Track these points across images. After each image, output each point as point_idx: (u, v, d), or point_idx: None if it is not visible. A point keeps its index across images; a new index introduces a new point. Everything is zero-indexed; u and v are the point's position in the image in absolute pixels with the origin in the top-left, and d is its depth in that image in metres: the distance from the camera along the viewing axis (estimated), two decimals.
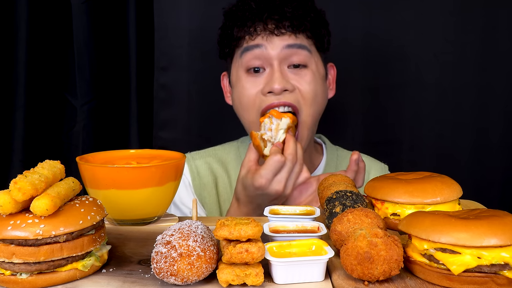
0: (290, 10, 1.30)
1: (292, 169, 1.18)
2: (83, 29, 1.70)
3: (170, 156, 1.06)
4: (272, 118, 1.25)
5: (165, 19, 1.78)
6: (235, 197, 1.26)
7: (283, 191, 1.18)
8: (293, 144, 1.20)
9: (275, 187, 1.16)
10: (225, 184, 1.51)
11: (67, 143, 1.79)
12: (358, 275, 0.72)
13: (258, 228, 0.71)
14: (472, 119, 1.82)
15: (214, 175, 1.51)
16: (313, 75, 1.33)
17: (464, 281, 0.72)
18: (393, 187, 0.93)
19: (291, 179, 1.18)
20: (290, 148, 1.19)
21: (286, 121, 1.24)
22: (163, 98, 1.83)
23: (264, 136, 1.24)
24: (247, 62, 1.33)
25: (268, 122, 1.25)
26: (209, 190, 1.50)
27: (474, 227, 0.72)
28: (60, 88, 1.77)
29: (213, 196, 1.50)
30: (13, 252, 0.73)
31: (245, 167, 1.22)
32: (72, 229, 0.75)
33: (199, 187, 1.50)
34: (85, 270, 0.77)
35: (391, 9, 1.79)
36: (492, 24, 1.77)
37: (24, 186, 0.72)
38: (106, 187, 0.95)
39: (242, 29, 1.32)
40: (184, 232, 0.73)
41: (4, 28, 1.68)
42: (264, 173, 1.16)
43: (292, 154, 1.18)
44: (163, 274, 0.71)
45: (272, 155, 1.16)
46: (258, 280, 0.72)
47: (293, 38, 1.31)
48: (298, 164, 1.19)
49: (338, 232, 0.80)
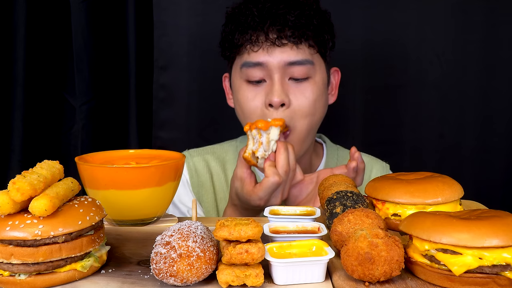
0: (293, 19, 1.28)
1: (287, 180, 1.20)
2: (82, 28, 1.70)
3: (169, 156, 1.06)
4: (260, 131, 1.22)
5: (165, 18, 1.78)
6: (230, 202, 1.27)
7: (280, 202, 1.21)
8: (283, 155, 1.19)
9: (272, 202, 1.20)
10: (222, 183, 1.51)
11: (66, 143, 1.79)
12: (358, 276, 0.72)
13: (258, 229, 0.71)
14: (474, 119, 1.82)
15: (211, 173, 1.51)
16: (314, 87, 1.32)
17: (466, 282, 0.71)
18: (394, 188, 0.93)
19: (286, 189, 1.21)
20: (282, 161, 1.19)
21: (276, 131, 1.21)
22: (163, 98, 1.83)
23: (257, 154, 1.22)
24: (247, 75, 1.32)
25: (256, 134, 1.22)
26: (207, 188, 1.50)
27: (476, 227, 0.72)
28: (59, 87, 1.77)
29: (210, 194, 1.50)
30: (11, 253, 0.72)
31: (238, 179, 1.22)
32: (71, 229, 0.74)
33: (197, 185, 1.50)
34: (84, 271, 0.77)
35: (392, 8, 1.79)
36: (494, 24, 1.77)
37: (22, 186, 0.72)
38: (105, 188, 0.95)
39: (243, 37, 1.31)
40: (184, 232, 0.73)
41: (2, 27, 1.68)
42: (262, 195, 1.17)
43: (284, 167, 1.18)
44: (163, 275, 0.71)
45: (270, 177, 1.16)
46: (258, 281, 0.71)
47: (295, 50, 1.28)
48: (291, 171, 1.21)
49: (338, 233, 0.80)
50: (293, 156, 1.21)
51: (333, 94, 1.46)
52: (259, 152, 1.21)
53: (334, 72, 1.45)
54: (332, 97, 1.46)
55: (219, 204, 1.51)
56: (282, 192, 1.20)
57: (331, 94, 1.45)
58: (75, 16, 1.69)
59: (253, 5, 1.31)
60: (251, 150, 1.22)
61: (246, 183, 1.20)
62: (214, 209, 1.49)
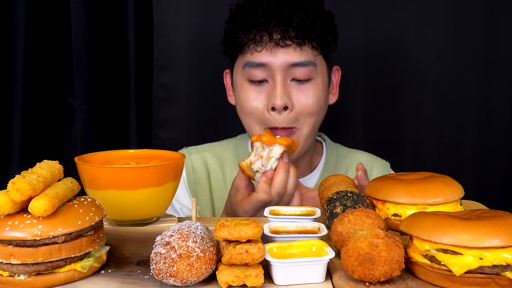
0: (297, 20, 1.27)
1: (279, 202, 1.16)
2: (81, 28, 1.70)
3: (169, 156, 1.06)
4: (264, 145, 1.19)
5: (164, 18, 1.78)
6: (225, 210, 1.26)
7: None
8: (282, 176, 1.15)
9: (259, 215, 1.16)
10: (219, 181, 1.51)
11: (65, 143, 1.79)
12: (359, 276, 0.72)
13: (258, 229, 0.71)
14: (475, 119, 1.83)
15: (208, 170, 1.51)
16: (316, 89, 1.32)
17: (466, 282, 0.72)
18: (394, 188, 0.93)
19: None
20: (278, 181, 1.14)
21: (279, 149, 1.18)
22: (162, 98, 1.83)
23: (253, 166, 1.19)
24: (250, 75, 1.32)
25: (259, 147, 1.20)
26: (203, 186, 1.50)
27: (476, 228, 0.72)
28: (58, 87, 1.77)
29: (206, 191, 1.50)
30: (11, 253, 0.73)
31: (234, 188, 1.20)
32: (70, 230, 0.74)
33: (193, 182, 1.50)
34: (84, 271, 0.77)
35: (392, 8, 1.79)
36: (494, 24, 1.78)
37: (22, 186, 0.72)
38: (105, 188, 0.95)
39: (247, 36, 1.30)
40: (184, 232, 0.73)
41: (2, 27, 1.68)
42: (247, 208, 1.15)
43: (279, 189, 1.14)
44: (163, 275, 0.71)
45: (259, 194, 1.14)
46: (258, 281, 0.71)
47: (298, 52, 1.28)
48: (287, 196, 1.16)
49: (338, 233, 0.80)
50: (294, 180, 1.16)
51: (334, 93, 1.46)
52: (256, 165, 1.18)
53: (335, 71, 1.46)
54: (334, 96, 1.46)
55: (214, 202, 1.50)
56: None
57: (332, 94, 1.45)
58: (75, 16, 1.69)
59: (258, 4, 1.31)
60: (249, 161, 1.19)
61: (240, 193, 1.18)
62: (210, 207, 1.49)
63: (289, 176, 1.16)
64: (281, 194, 1.15)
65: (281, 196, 1.15)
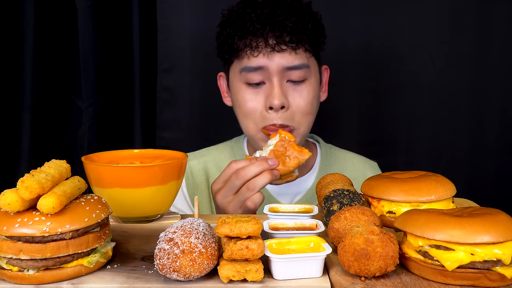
0: (291, 25, 1.30)
1: (233, 189, 1.16)
2: (88, 32, 1.72)
3: (172, 155, 1.07)
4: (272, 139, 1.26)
5: (168, 22, 1.80)
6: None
7: (226, 206, 1.17)
8: (251, 168, 1.14)
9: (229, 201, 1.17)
10: None
11: (72, 143, 1.81)
12: (355, 271, 0.73)
13: (258, 226, 0.72)
14: (467, 120, 1.84)
15: (207, 174, 1.53)
16: (310, 88, 1.36)
17: (458, 277, 0.73)
18: (389, 186, 0.94)
19: (235, 199, 1.16)
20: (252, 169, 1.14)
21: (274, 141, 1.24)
22: (166, 100, 1.84)
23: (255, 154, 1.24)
24: (247, 79, 1.34)
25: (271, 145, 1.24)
26: (202, 189, 1.51)
27: (468, 224, 0.73)
28: (66, 89, 1.79)
29: (205, 195, 1.51)
30: (20, 249, 0.73)
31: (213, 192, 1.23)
32: (77, 226, 0.75)
33: (192, 186, 1.51)
34: (90, 266, 0.78)
35: (387, 12, 1.81)
36: (486, 26, 1.78)
37: (31, 185, 0.73)
38: (111, 186, 0.97)
39: (243, 41, 1.32)
40: (186, 229, 0.74)
41: (11, 31, 1.70)
42: (217, 180, 1.19)
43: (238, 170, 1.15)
44: (166, 270, 0.72)
45: (232, 163, 1.17)
46: (258, 276, 0.73)
47: (293, 55, 1.31)
48: (246, 188, 1.14)
49: (335, 230, 0.81)
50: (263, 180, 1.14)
51: (324, 91, 1.49)
52: (256, 154, 1.24)
53: (324, 70, 1.48)
54: (324, 94, 1.49)
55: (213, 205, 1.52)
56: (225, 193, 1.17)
57: (322, 91, 1.48)
58: (82, 21, 1.71)
59: (251, 10, 1.32)
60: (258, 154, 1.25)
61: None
62: (209, 210, 1.50)
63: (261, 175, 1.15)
64: (237, 175, 1.14)
65: (233, 182, 1.14)
